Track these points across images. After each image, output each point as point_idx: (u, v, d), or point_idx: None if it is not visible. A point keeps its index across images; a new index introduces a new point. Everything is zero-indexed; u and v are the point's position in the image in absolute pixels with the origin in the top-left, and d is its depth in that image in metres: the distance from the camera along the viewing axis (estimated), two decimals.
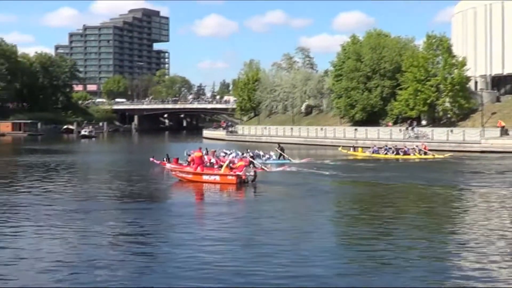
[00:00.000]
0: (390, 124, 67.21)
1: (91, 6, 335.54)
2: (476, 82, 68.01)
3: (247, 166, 28.07)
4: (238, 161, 28.76)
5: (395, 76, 68.59)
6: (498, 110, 60.84)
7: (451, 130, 57.07)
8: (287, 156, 40.59)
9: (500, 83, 69.90)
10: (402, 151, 45.42)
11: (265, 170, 31.79)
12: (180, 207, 20.70)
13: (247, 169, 28.06)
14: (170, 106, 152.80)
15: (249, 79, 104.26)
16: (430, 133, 59.14)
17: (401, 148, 46.59)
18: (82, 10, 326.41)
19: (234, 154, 37.09)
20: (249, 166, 28.61)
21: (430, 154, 44.57)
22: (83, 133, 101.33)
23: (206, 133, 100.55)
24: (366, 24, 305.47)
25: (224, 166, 27.63)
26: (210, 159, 32.53)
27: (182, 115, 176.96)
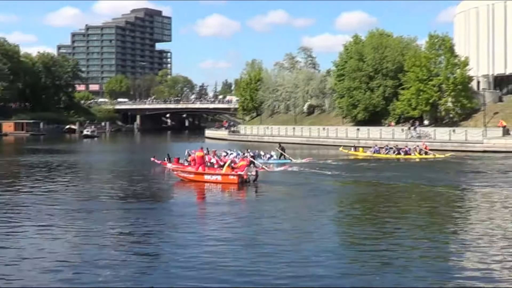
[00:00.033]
0: (393, 124, 67.15)
1: (94, 6, 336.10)
2: (478, 82, 67.89)
3: (248, 166, 28.04)
4: (240, 161, 28.75)
5: (397, 76, 68.52)
6: (501, 110, 60.74)
7: (453, 130, 57.04)
8: (288, 156, 40.60)
9: (502, 83, 69.76)
10: (403, 151, 45.38)
11: (265, 169, 31.80)
12: (182, 207, 20.69)
13: (249, 168, 28.06)
14: (172, 106, 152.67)
15: (251, 79, 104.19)
16: (432, 133, 59.11)
17: (402, 148, 46.55)
18: (85, 10, 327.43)
19: (235, 154, 37.08)
20: (249, 166, 28.56)
21: (431, 154, 44.54)
22: (85, 133, 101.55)
23: (208, 133, 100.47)
24: (369, 24, 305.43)
25: (225, 166, 27.64)
26: (210, 159, 32.52)
27: (184, 115, 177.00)
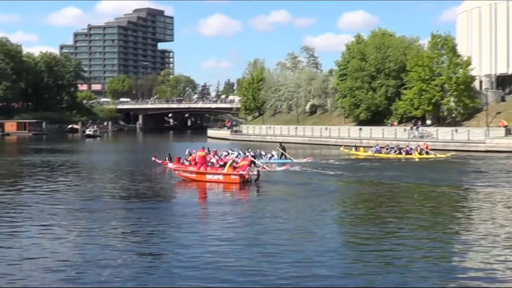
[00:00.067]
0: (395, 123, 67.12)
1: (96, 6, 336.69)
2: (481, 82, 67.85)
3: (249, 166, 28.05)
4: (241, 160, 28.72)
5: (400, 75, 68.54)
6: (503, 109, 60.63)
7: (456, 130, 56.99)
8: (289, 155, 40.61)
9: (505, 83, 69.70)
10: (404, 151, 45.36)
11: (266, 169, 31.80)
12: (184, 207, 20.65)
13: (250, 168, 28.05)
14: (174, 105, 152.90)
15: (253, 79, 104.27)
16: (434, 132, 59.06)
17: (403, 147, 46.54)
18: (87, 10, 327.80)
19: (236, 154, 37.10)
20: (250, 165, 28.57)
21: (432, 154, 44.50)
22: (88, 132, 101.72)
23: (211, 132, 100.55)
24: (371, 23, 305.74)
25: (227, 166, 27.62)
26: (210, 159, 32.56)
27: (186, 115, 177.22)
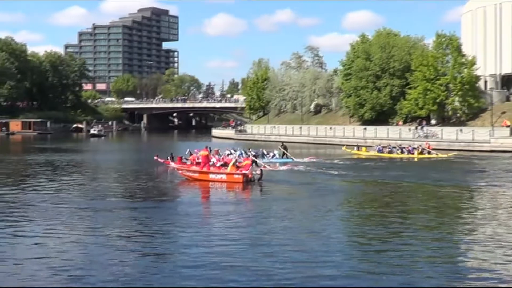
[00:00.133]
0: (401, 123, 67.03)
1: (101, 5, 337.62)
2: (485, 82, 67.66)
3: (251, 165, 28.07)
4: (244, 160, 28.72)
5: (405, 75, 68.40)
6: (508, 109, 60.40)
7: (461, 130, 56.84)
8: (290, 155, 40.69)
9: (509, 83, 69.46)
10: (406, 150, 45.32)
11: (267, 168, 31.81)
12: (187, 206, 20.67)
13: (253, 167, 28.05)
14: (179, 105, 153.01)
15: (258, 78, 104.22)
16: (439, 132, 58.92)
17: (405, 147, 46.50)
18: (92, 9, 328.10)
19: (239, 153, 37.14)
20: (251, 165, 28.59)
21: (434, 154, 44.41)
22: (92, 132, 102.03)
23: (215, 132, 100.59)
24: (375, 23, 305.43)
25: (230, 165, 27.61)
26: (211, 158, 32.53)
27: (191, 114, 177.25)
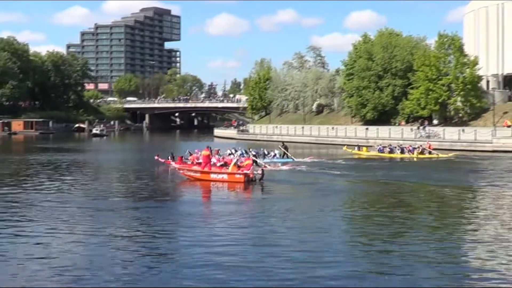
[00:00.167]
0: (403, 123, 66.98)
1: (103, 5, 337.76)
2: (488, 82, 67.58)
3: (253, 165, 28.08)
4: (245, 159, 28.72)
5: (407, 75, 68.37)
6: (510, 109, 60.36)
7: (463, 130, 56.76)
8: (290, 154, 40.72)
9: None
10: (407, 150, 45.30)
11: (267, 168, 31.83)
12: (189, 206, 20.67)
13: (254, 167, 28.04)
14: (181, 105, 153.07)
15: (260, 78, 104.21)
16: (441, 132, 58.82)
17: (406, 147, 46.52)
18: (94, 9, 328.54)
19: (240, 153, 37.15)
20: (253, 165, 28.59)
21: (435, 154, 44.38)
22: (94, 131, 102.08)
23: (217, 132, 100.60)
24: (378, 23, 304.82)
25: (231, 165, 27.61)
26: (211, 158, 32.54)
27: (193, 114, 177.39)
